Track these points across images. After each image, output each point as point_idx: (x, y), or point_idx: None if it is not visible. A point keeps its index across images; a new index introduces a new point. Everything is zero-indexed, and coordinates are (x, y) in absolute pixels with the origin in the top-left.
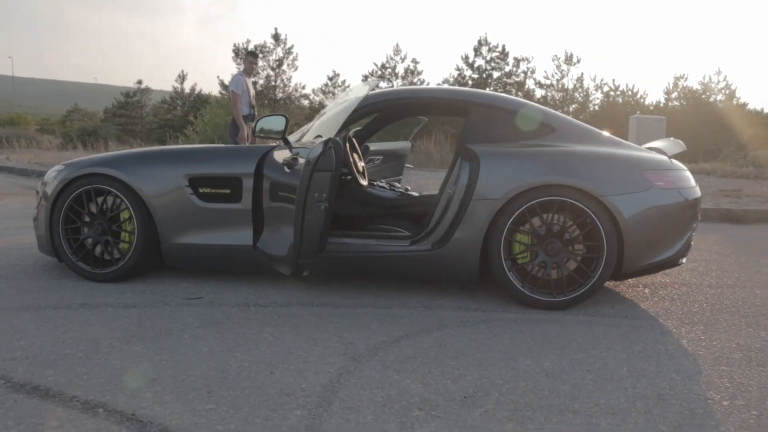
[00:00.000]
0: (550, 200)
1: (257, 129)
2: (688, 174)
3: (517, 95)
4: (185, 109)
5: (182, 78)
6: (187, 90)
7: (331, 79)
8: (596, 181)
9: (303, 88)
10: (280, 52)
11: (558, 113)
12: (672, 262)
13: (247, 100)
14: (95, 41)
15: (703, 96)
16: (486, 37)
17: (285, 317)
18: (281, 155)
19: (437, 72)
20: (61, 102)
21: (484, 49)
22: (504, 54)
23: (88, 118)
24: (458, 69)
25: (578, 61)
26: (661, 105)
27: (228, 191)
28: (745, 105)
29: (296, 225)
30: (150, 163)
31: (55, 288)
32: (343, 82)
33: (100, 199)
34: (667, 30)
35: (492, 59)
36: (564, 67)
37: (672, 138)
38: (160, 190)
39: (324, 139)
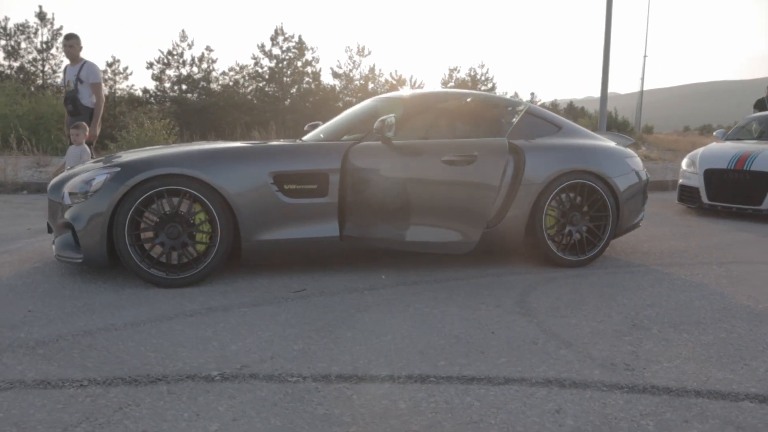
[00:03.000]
0: (575, 182)
1: None
2: (639, 160)
3: (312, 86)
4: None
5: None
6: None
7: (110, 65)
8: (603, 166)
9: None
10: (47, 33)
11: (558, 115)
12: (637, 225)
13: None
14: None
15: (470, 86)
16: (282, 27)
17: (429, 293)
18: (370, 149)
19: (232, 60)
20: None
21: (280, 39)
22: (300, 44)
23: None
24: (254, 58)
25: (369, 53)
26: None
27: (314, 186)
28: (505, 93)
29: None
30: (233, 162)
31: (156, 297)
32: (125, 68)
33: (161, 202)
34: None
35: (288, 49)
36: (356, 58)
37: (618, 133)
38: (245, 188)
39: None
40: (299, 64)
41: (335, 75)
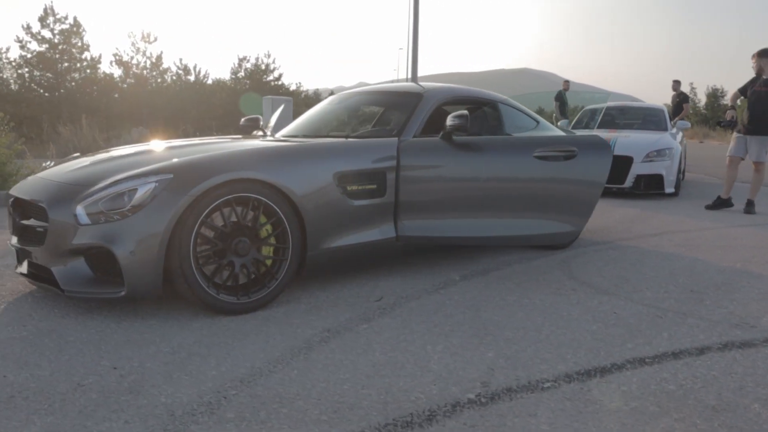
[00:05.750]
0: None
1: None
2: None
3: (89, 73)
4: None
5: None
6: None
7: None
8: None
9: None
10: None
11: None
12: None
13: None
14: None
15: (260, 77)
16: (53, 6)
17: (509, 283)
18: (432, 145)
19: None
20: None
21: (51, 20)
22: (77, 26)
23: None
24: (19, 40)
25: (155, 39)
26: (228, 82)
27: (374, 186)
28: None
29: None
30: (299, 162)
31: (244, 329)
32: None
33: (225, 213)
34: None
35: (62, 31)
36: (141, 45)
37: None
38: (312, 192)
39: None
40: (74, 50)
41: (119, 63)
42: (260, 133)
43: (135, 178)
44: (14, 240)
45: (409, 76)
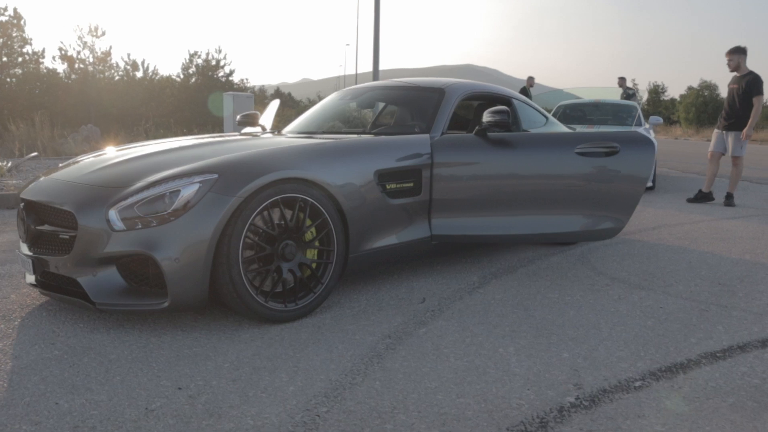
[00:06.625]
0: None
1: None
2: None
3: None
4: None
5: None
6: None
7: None
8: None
9: None
10: None
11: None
12: None
13: None
14: None
15: (210, 72)
16: None
17: (540, 283)
18: (455, 141)
19: None
20: None
21: None
22: (17, 18)
23: None
24: None
25: (104, 33)
26: (180, 77)
27: (411, 184)
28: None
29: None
30: (344, 160)
31: (302, 340)
32: None
33: (272, 214)
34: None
35: (0, 24)
36: (88, 39)
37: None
38: (355, 191)
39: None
40: (14, 44)
41: (63, 58)
42: (258, 129)
43: (176, 179)
44: (26, 247)
45: (361, 72)
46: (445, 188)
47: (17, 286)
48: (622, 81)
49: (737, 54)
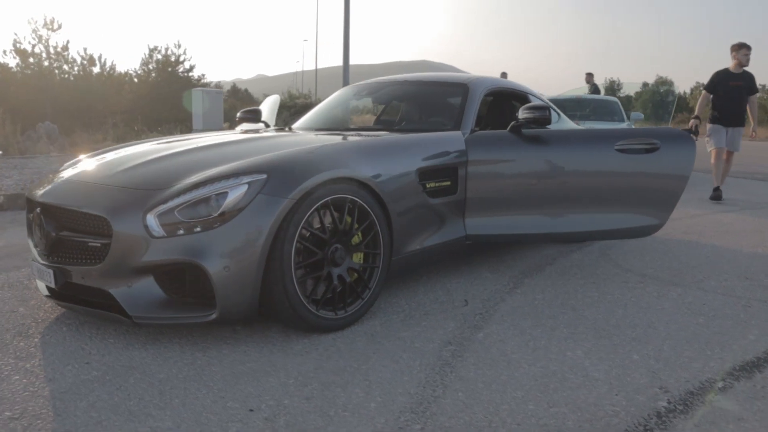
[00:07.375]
0: None
1: None
2: None
3: None
4: None
5: None
6: None
7: None
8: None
9: None
10: None
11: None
12: None
13: None
14: None
15: (169, 68)
16: None
17: (585, 281)
18: (489, 137)
19: None
20: None
21: None
22: None
23: None
24: None
25: (60, 27)
26: (138, 73)
27: (449, 183)
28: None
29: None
30: (388, 158)
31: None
32: None
33: (322, 217)
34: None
35: None
36: (43, 32)
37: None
38: (398, 191)
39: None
40: None
41: (16, 51)
42: (262, 126)
43: (223, 180)
44: (39, 255)
45: (321, 67)
46: (480, 186)
47: (23, 298)
48: (589, 77)
49: (738, 49)
